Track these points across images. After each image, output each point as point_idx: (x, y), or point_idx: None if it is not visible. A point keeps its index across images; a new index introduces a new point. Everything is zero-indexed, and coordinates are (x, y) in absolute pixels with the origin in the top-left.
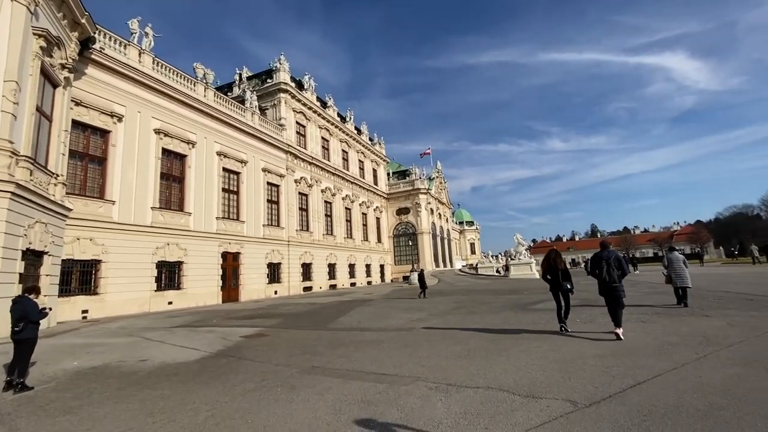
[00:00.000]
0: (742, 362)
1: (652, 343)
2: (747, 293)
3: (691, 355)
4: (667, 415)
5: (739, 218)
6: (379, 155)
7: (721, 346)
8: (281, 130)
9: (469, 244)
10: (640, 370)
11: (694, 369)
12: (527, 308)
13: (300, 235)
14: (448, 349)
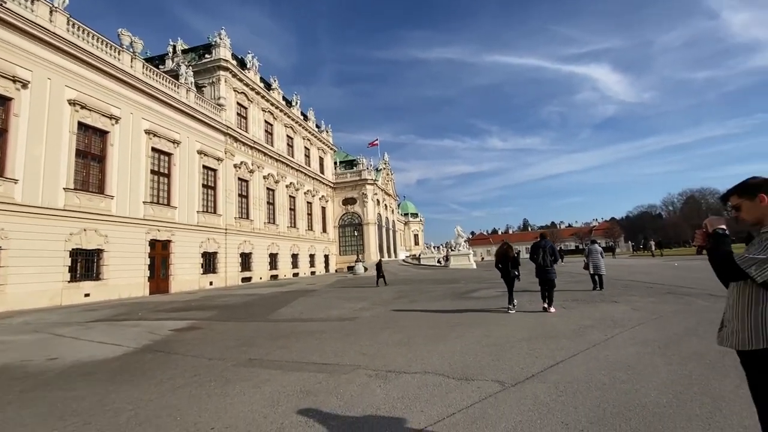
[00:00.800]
0: (641, 342)
1: (571, 326)
2: (647, 282)
3: (601, 337)
4: (579, 390)
5: (645, 217)
6: (326, 143)
7: (626, 328)
8: (220, 111)
9: (413, 235)
10: (559, 351)
11: (603, 348)
12: (464, 296)
13: (239, 223)
14: (389, 338)
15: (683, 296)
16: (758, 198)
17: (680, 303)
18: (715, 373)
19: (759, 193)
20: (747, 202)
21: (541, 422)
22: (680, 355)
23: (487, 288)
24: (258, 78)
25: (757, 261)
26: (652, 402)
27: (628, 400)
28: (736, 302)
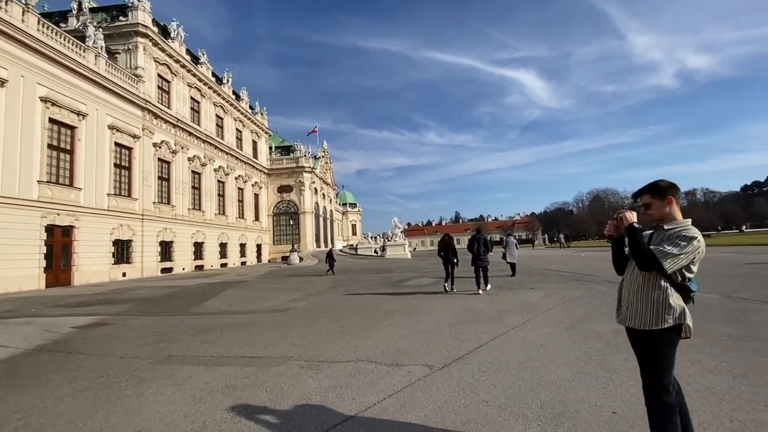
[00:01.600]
0: (552, 324)
1: (494, 311)
2: (559, 270)
3: (519, 320)
4: (499, 369)
5: (558, 212)
6: (261, 126)
7: (540, 312)
8: (137, 82)
9: (351, 225)
10: (482, 334)
11: (520, 331)
12: (399, 285)
13: (159, 209)
14: (322, 327)
15: (587, 283)
16: (667, 200)
17: (585, 289)
18: (610, 349)
19: (668, 195)
20: (657, 201)
21: (464, 402)
22: (583, 335)
23: (420, 277)
24: (184, 50)
25: (670, 255)
26: (559, 377)
27: (540, 377)
28: (640, 287)
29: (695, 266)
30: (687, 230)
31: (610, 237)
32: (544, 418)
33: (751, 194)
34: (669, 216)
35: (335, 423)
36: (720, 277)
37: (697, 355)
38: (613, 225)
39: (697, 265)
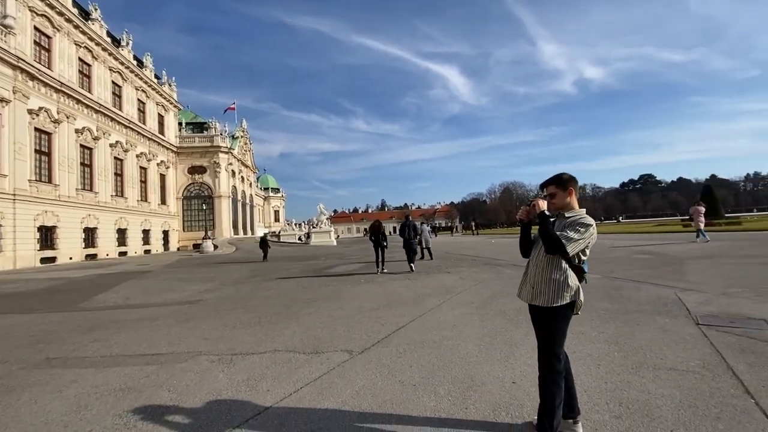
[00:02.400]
0: (464, 304)
1: (413, 295)
2: (472, 255)
3: (436, 302)
4: (415, 350)
5: (474, 202)
6: (169, 99)
7: (454, 294)
8: (5, 34)
9: (274, 211)
10: (402, 317)
11: (436, 312)
12: (323, 272)
13: (36, 188)
14: (237, 319)
15: (496, 266)
16: (568, 191)
17: (494, 272)
18: (512, 325)
19: (569, 187)
20: (560, 192)
21: (381, 384)
22: (490, 313)
23: (345, 264)
24: (70, 1)
25: (572, 240)
26: (468, 353)
27: (452, 354)
28: (544, 269)
29: (588, 250)
30: (584, 218)
31: (521, 221)
32: (454, 392)
33: (627, 190)
34: (569, 205)
35: (247, 417)
36: (600, 260)
37: (581, 327)
38: (525, 211)
39: (589, 249)
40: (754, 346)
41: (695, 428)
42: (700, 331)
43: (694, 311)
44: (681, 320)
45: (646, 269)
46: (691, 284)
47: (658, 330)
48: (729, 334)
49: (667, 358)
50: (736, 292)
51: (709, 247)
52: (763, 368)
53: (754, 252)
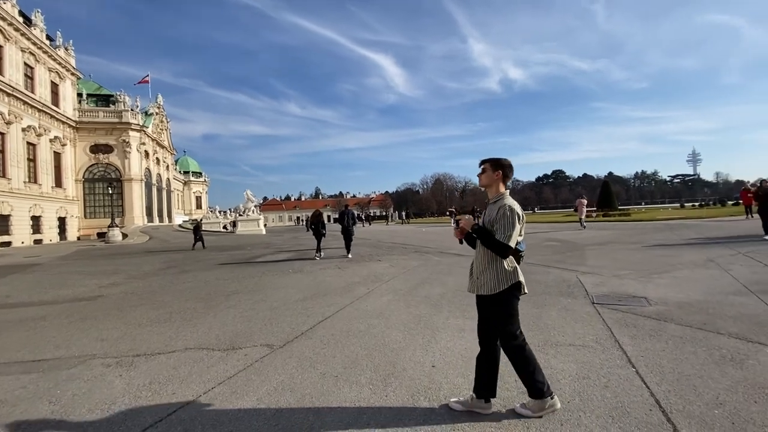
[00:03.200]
0: (392, 292)
1: (343, 284)
2: (404, 244)
3: (364, 291)
4: (339, 341)
5: (408, 192)
6: (65, 65)
7: (383, 281)
8: None
9: (195, 197)
10: (329, 307)
11: (364, 301)
12: (249, 263)
13: None
14: (144, 316)
15: (425, 254)
16: (497, 172)
17: (422, 259)
18: (435, 310)
19: (498, 169)
20: (490, 171)
21: (301, 378)
22: (416, 300)
23: (274, 253)
24: None
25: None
26: (393, 340)
27: (376, 342)
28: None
29: (522, 230)
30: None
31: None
32: (375, 381)
33: (541, 184)
34: (493, 188)
35: (145, 426)
36: None
37: None
38: (457, 233)
39: (523, 229)
40: (636, 321)
41: (588, 397)
42: (595, 309)
43: (591, 292)
44: (580, 300)
45: (555, 255)
46: (590, 268)
47: (562, 310)
48: (617, 311)
49: (568, 335)
50: (624, 273)
51: (605, 235)
52: (642, 340)
53: (638, 239)
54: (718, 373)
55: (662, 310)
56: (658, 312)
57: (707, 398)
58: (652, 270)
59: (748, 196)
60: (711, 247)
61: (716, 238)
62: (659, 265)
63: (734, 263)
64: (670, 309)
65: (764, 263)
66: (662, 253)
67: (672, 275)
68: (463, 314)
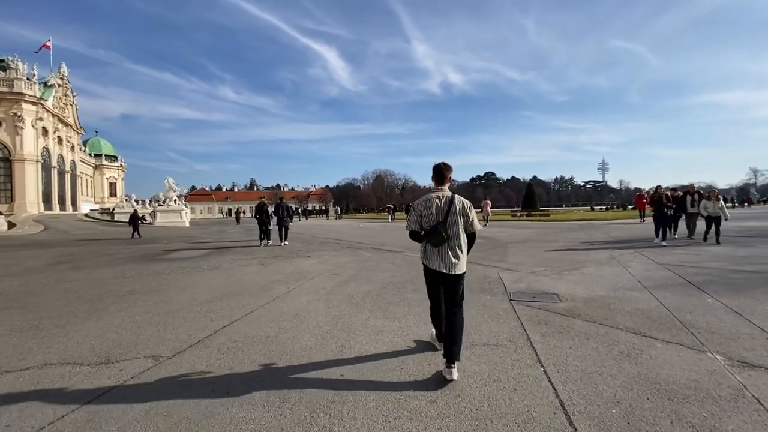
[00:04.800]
0: (314, 291)
1: (262, 282)
2: (337, 239)
3: (284, 290)
4: (241, 348)
5: (349, 187)
6: None
7: (307, 279)
8: None
9: (109, 183)
10: (239, 309)
11: (281, 301)
12: (157, 259)
13: None
14: (4, 323)
15: (357, 250)
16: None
17: (353, 255)
18: (356, 310)
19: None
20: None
21: (184, 396)
22: (338, 299)
23: (192, 248)
24: None
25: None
26: (302, 346)
27: (283, 350)
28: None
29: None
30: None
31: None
32: (272, 398)
33: (474, 184)
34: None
35: None
36: None
37: (416, 308)
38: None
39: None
40: (547, 317)
41: (496, 402)
42: (511, 306)
43: (509, 288)
44: (498, 297)
45: (480, 252)
46: (511, 264)
47: (481, 306)
48: (531, 308)
49: (484, 333)
50: (540, 270)
51: (526, 234)
52: (552, 337)
53: (554, 238)
54: (616, 370)
55: (571, 306)
56: (567, 308)
57: (606, 396)
58: (564, 267)
59: (642, 201)
60: (613, 246)
61: (618, 238)
62: (570, 262)
63: (632, 261)
64: (578, 305)
65: (656, 261)
66: (573, 251)
67: (581, 272)
68: (384, 314)
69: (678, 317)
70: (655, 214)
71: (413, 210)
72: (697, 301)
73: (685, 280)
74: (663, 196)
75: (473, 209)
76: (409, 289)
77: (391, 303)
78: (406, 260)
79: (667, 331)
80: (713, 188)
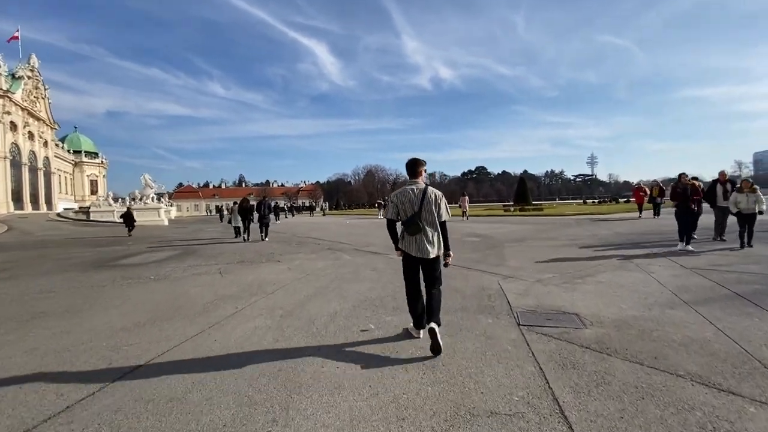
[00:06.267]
0: (268, 311)
1: (208, 298)
2: (318, 238)
3: (230, 310)
4: (130, 417)
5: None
6: None
7: (265, 294)
8: None
9: (90, 181)
10: (157, 344)
11: (221, 327)
12: (107, 265)
13: None
14: None
15: (337, 251)
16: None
17: (331, 259)
18: (312, 345)
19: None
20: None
21: None
22: (293, 326)
23: (153, 251)
24: None
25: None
26: (215, 420)
27: (188, 427)
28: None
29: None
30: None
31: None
32: None
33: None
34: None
35: None
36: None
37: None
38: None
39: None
40: (573, 355)
41: None
42: (521, 335)
43: (515, 305)
44: (503, 320)
45: (474, 253)
46: (511, 270)
47: (481, 337)
48: (549, 339)
49: (488, 388)
50: (547, 278)
51: (522, 231)
52: (589, 395)
53: (553, 235)
54: None
55: (600, 334)
56: (596, 338)
57: None
58: (575, 273)
59: (641, 195)
60: (623, 245)
61: (624, 234)
62: (580, 266)
63: (652, 264)
64: (609, 333)
65: (681, 264)
66: (579, 252)
67: (596, 279)
68: (350, 356)
69: (753, 354)
70: (679, 211)
71: (390, 201)
72: (764, 324)
73: (729, 290)
74: (689, 187)
75: (444, 199)
76: (390, 307)
77: (362, 333)
78: (390, 265)
79: (749, 379)
80: (748, 179)
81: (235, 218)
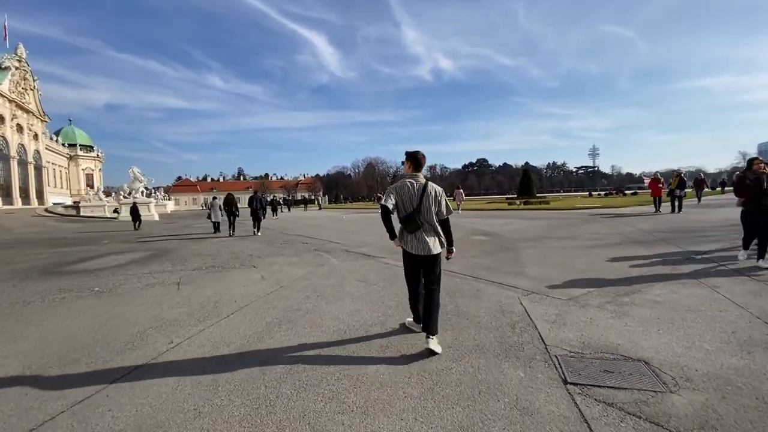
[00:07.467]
0: (211, 348)
1: (141, 325)
2: (308, 236)
3: (162, 346)
4: None
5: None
6: None
7: (221, 317)
8: None
9: (86, 174)
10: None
11: (114, 398)
12: (59, 271)
13: None
14: None
15: (324, 254)
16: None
17: (315, 264)
18: (255, 415)
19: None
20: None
21: None
22: (233, 385)
23: (121, 252)
24: None
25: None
26: None
27: None
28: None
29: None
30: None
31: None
32: None
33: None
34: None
35: None
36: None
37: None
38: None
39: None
40: None
41: None
42: (574, 406)
43: (551, 342)
44: (540, 372)
45: (484, 257)
46: (533, 281)
47: (512, 408)
48: (621, 414)
49: None
50: (584, 295)
51: (534, 227)
52: None
53: (570, 233)
54: None
55: (698, 405)
56: (695, 413)
57: None
58: (618, 287)
59: (658, 187)
60: (657, 246)
61: (651, 232)
62: (620, 276)
63: (710, 274)
64: (710, 401)
65: (748, 275)
66: (609, 254)
67: (649, 299)
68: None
69: None
70: (746, 209)
71: (389, 190)
72: None
73: None
74: (764, 178)
75: (444, 196)
76: (376, 346)
77: (329, 402)
78: (383, 274)
79: None
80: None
81: (215, 213)
